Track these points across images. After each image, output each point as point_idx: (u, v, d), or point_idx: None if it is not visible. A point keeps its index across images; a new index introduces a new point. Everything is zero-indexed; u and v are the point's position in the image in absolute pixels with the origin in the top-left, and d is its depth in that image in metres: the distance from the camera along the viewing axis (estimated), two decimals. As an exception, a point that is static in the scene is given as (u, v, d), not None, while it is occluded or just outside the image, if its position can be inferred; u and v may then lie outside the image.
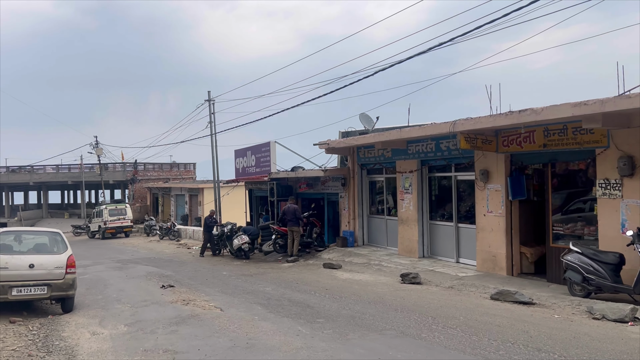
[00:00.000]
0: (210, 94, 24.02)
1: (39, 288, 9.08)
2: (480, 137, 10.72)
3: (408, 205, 13.71)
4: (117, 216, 33.65)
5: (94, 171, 44.83)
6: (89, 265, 17.44)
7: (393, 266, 12.64)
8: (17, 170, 48.79)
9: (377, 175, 15.62)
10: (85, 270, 15.71)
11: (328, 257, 15.03)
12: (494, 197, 11.08)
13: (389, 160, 14.47)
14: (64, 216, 49.87)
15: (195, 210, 36.55)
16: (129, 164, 43.68)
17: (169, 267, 15.56)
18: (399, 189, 14.04)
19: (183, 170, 50.86)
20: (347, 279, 11.56)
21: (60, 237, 9.89)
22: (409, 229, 13.66)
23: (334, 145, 15.25)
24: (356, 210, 16.08)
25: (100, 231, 33.79)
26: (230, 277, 12.65)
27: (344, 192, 16.45)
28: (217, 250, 19.46)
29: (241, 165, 23.23)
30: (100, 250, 24.79)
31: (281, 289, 10.37)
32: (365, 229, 16.10)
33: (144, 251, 23.04)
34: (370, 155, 15.26)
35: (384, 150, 14.50)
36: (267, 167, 20.58)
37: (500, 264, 10.98)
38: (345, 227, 16.45)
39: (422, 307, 8.11)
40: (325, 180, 17.57)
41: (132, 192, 43.90)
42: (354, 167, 16.07)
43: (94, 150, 39.35)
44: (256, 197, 23.17)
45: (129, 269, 15.61)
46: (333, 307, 8.31)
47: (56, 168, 48.15)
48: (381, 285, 10.43)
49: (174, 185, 40.52)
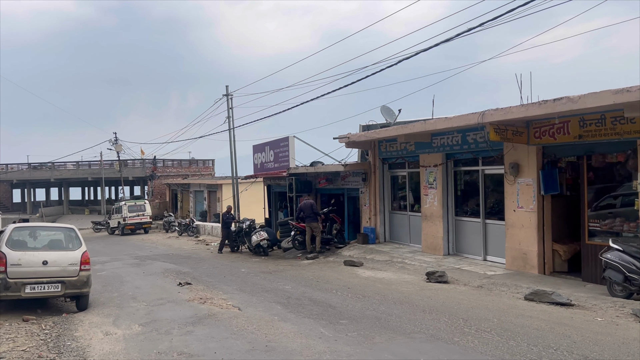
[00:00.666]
0: (228, 88, 23.72)
1: (53, 285, 8.82)
2: (511, 128, 10.17)
3: (432, 201, 13.19)
4: (136, 212, 33.63)
5: (113, 168, 45.03)
6: (106, 261, 17.28)
7: (417, 264, 12.15)
8: (38, 167, 49.30)
9: (399, 169, 15.12)
10: (102, 267, 15.54)
11: (349, 254, 14.60)
12: (525, 192, 10.52)
13: (412, 154, 13.96)
14: (84, 212, 50.27)
15: (213, 206, 36.40)
16: (148, 161, 43.74)
17: (186, 264, 15.29)
18: (423, 183, 13.53)
19: (202, 166, 50.82)
20: (370, 277, 11.11)
21: (75, 233, 9.62)
22: (434, 225, 13.14)
23: (354, 138, 14.78)
24: (377, 206, 15.60)
25: (120, 227, 33.83)
26: (249, 275, 12.30)
27: (365, 188, 15.99)
28: (235, 246, 19.17)
29: (259, 160, 22.91)
30: (119, 247, 24.73)
31: (301, 288, 9.97)
32: (387, 225, 15.62)
33: (163, 247, 22.88)
34: (392, 149, 14.76)
35: (407, 143, 13.99)
36: (285, 162, 20.22)
37: (531, 262, 10.42)
38: (366, 223, 15.99)
39: (451, 307, 7.63)
40: (345, 175, 17.12)
41: (151, 188, 43.97)
42: (375, 161, 15.59)
43: (113, 147, 39.41)
44: (275, 193, 22.82)
45: (146, 266, 15.38)
46: (356, 308, 7.88)
47: (76, 165, 48.51)
48: (406, 284, 9.96)
49: (193, 182, 40.43)
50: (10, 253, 8.66)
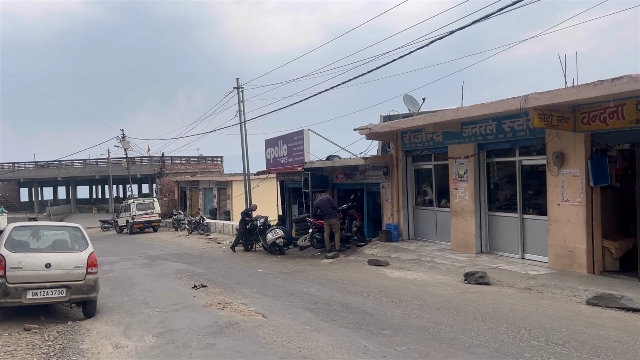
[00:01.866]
0: (238, 81, 22.88)
1: (57, 290, 8.02)
2: (556, 114, 9.24)
3: (463, 195, 12.28)
4: (144, 210, 32.95)
5: (121, 165, 44.36)
6: (115, 262, 16.52)
7: (448, 263, 11.26)
8: (45, 166, 48.76)
9: (424, 162, 14.21)
10: (111, 268, 14.77)
11: (372, 253, 13.73)
12: (571, 184, 9.58)
13: (439, 145, 13.05)
14: (92, 211, 49.70)
15: (223, 203, 35.63)
16: (156, 158, 43.04)
17: (199, 264, 14.48)
18: (452, 177, 12.62)
19: (210, 163, 50.09)
20: (400, 277, 10.23)
21: (81, 232, 8.81)
22: (464, 222, 12.24)
23: (376, 129, 13.88)
24: (400, 202, 14.70)
25: (128, 226, 33.16)
26: (268, 276, 11.46)
27: (386, 182, 15.09)
28: (249, 245, 18.35)
29: (272, 155, 22.08)
30: (128, 246, 24.00)
31: (328, 290, 9.11)
32: (411, 222, 14.72)
33: (173, 246, 22.11)
34: (417, 140, 13.85)
35: (434, 134, 13.08)
36: (300, 156, 19.38)
37: (578, 260, 9.50)
38: (388, 219, 15.09)
39: (505, 314, 6.74)
40: (364, 169, 16.23)
41: (160, 185, 43.28)
42: (398, 154, 14.68)
43: (121, 144, 38.72)
44: (288, 189, 21.97)
45: (157, 266, 14.58)
46: (397, 315, 7.00)
47: (84, 163, 47.91)
48: (443, 286, 9.07)
49: (202, 179, 39.69)
50: (10, 255, 7.86)
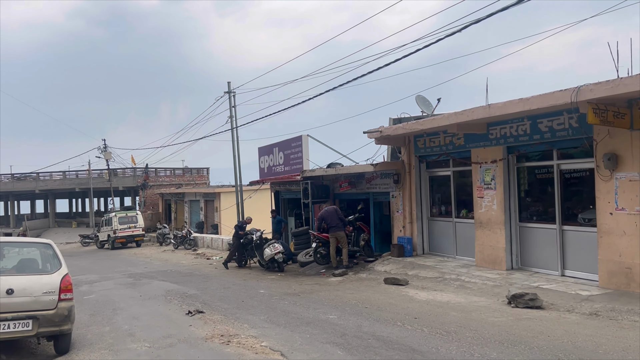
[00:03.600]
0: (230, 85, 21.45)
1: (21, 323, 6.46)
2: (612, 108, 7.98)
3: (490, 204, 10.96)
4: (127, 224, 31.15)
5: (102, 177, 42.45)
6: (95, 281, 14.86)
7: (479, 282, 9.90)
8: (22, 178, 46.52)
9: (441, 168, 12.90)
10: (90, 289, 13.13)
11: (385, 270, 12.32)
12: (627, 190, 8.31)
13: (460, 149, 11.75)
14: (71, 225, 47.46)
15: (211, 216, 33.97)
16: (139, 169, 41.22)
17: (191, 284, 12.90)
18: (476, 184, 11.31)
19: (196, 175, 48.36)
20: (429, 300, 8.82)
21: (52, 250, 7.25)
22: (492, 234, 10.91)
23: (388, 132, 12.54)
24: (414, 212, 13.34)
25: (110, 241, 31.31)
26: (272, 298, 9.95)
27: (397, 191, 13.74)
28: (243, 260, 16.81)
29: (267, 164, 20.62)
30: (110, 262, 22.25)
31: (351, 317, 7.65)
32: (426, 235, 13.36)
33: (158, 263, 20.44)
34: (433, 144, 12.55)
35: (453, 136, 11.80)
36: (298, 164, 17.97)
37: (638, 278, 8.19)
38: (399, 232, 13.71)
39: (593, 351, 5.37)
40: (371, 177, 14.87)
41: (143, 198, 41.41)
42: (411, 159, 13.36)
43: (102, 155, 36.95)
44: (284, 200, 20.50)
45: (143, 286, 12.98)
46: (453, 352, 5.59)
47: (63, 175, 45.80)
48: (487, 311, 7.68)
49: (188, 191, 38.00)
50: (-39, 280, 6.30)
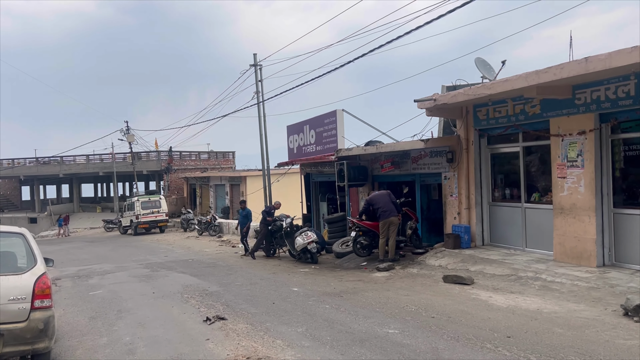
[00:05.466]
0: (256, 57, 19.54)
1: (-23, 342, 4.78)
2: None
3: (575, 186, 8.89)
4: (150, 209, 29.87)
5: (126, 161, 41.29)
6: (108, 271, 13.35)
7: (567, 282, 7.90)
8: (46, 162, 45.75)
9: (507, 144, 10.84)
10: (100, 282, 11.58)
11: (439, 264, 10.40)
12: None
13: (535, 120, 9.67)
14: (96, 210, 46.66)
15: (237, 201, 32.40)
16: (163, 153, 39.87)
17: (212, 277, 11.22)
18: (556, 161, 9.24)
19: (222, 159, 46.86)
20: (511, 307, 6.86)
21: (24, 242, 5.55)
22: (577, 222, 8.85)
23: (444, 100, 10.49)
24: (472, 197, 11.34)
25: (133, 226, 30.10)
26: (309, 299, 8.14)
27: (451, 171, 11.74)
28: (271, 250, 15.09)
29: (296, 144, 18.77)
30: (130, 249, 20.87)
31: (418, 333, 5.77)
32: (486, 223, 11.36)
33: (180, 251, 18.91)
34: (499, 114, 10.49)
35: (526, 104, 9.73)
36: (332, 143, 16.07)
37: None
38: (453, 220, 11.74)
39: None
40: (418, 156, 12.88)
41: (167, 182, 40.11)
42: (469, 134, 11.33)
43: (125, 137, 35.61)
44: (315, 183, 18.67)
45: (158, 280, 11.37)
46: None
47: (86, 158, 44.83)
48: (603, 327, 5.70)
49: (213, 175, 36.50)
50: None
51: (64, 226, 35.44)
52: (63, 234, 35.13)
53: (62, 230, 35.37)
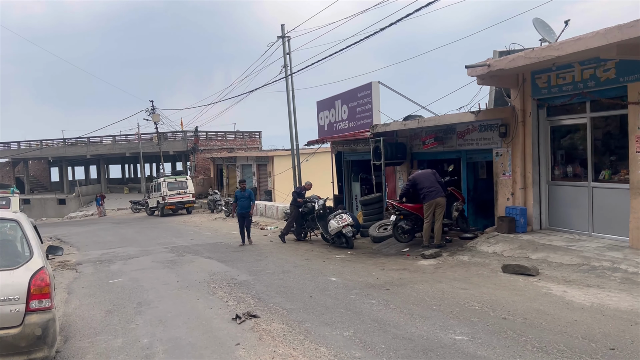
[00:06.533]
0: (284, 28, 18.40)
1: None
2: None
3: (660, 162, 7.63)
4: (177, 190, 29.31)
5: (152, 142, 40.84)
6: (132, 256, 12.65)
7: (655, 274, 6.71)
8: (74, 143, 45.66)
9: (570, 115, 9.57)
10: (122, 268, 10.84)
11: (493, 251, 9.28)
12: None
13: (608, 86, 8.38)
14: (123, 191, 46.59)
15: (264, 182, 31.64)
16: (189, 133, 39.26)
17: (241, 264, 10.35)
18: (635, 133, 7.96)
19: (248, 139, 46.09)
20: (595, 306, 5.74)
21: (21, 230, 4.67)
22: (662, 204, 7.61)
23: (500, 65, 9.21)
24: (528, 175, 10.14)
25: (159, 207, 29.63)
26: (351, 292, 7.15)
27: (504, 147, 10.53)
28: (302, 233, 14.16)
29: (327, 120, 17.68)
30: (156, 231, 20.26)
31: (494, 340, 4.73)
32: (544, 204, 10.15)
33: (207, 233, 18.17)
34: (563, 81, 9.20)
35: (597, 67, 8.44)
36: (367, 118, 14.94)
37: None
38: (506, 201, 10.56)
39: None
40: (465, 130, 11.68)
41: (194, 163, 39.54)
42: (526, 104, 10.08)
43: (150, 117, 35.01)
44: (347, 162, 17.59)
45: (183, 266, 10.56)
46: None
47: (113, 139, 44.58)
48: None
49: (240, 155, 35.75)
50: None
51: (102, 205, 35.18)
52: (100, 214, 34.91)
53: (99, 209, 35.15)
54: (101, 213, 34.80)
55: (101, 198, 35.70)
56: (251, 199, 13.84)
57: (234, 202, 14.09)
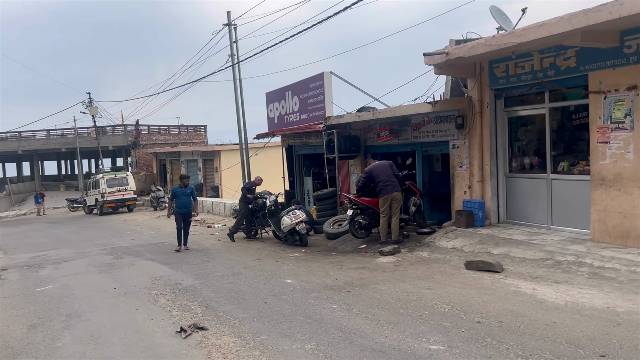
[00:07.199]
0: (230, 15, 17.51)
1: None
2: None
3: (621, 152, 7.47)
4: (117, 187, 27.77)
5: (90, 136, 38.70)
6: (66, 259, 11.59)
7: (622, 268, 6.52)
8: (3, 138, 42.63)
9: (529, 105, 9.36)
10: (52, 273, 9.81)
11: (453, 247, 8.95)
12: None
13: (569, 75, 8.18)
14: (59, 189, 44.02)
15: (210, 178, 30.56)
16: (130, 127, 37.42)
17: (187, 266, 9.56)
18: (596, 123, 7.78)
19: (193, 133, 44.57)
20: (570, 304, 5.42)
21: None
22: (623, 195, 7.46)
23: (459, 53, 8.84)
24: (486, 167, 9.88)
25: (98, 205, 27.97)
26: (309, 295, 6.57)
27: (461, 139, 10.24)
28: (253, 230, 13.45)
29: (277, 112, 17.01)
30: (94, 232, 18.96)
31: (474, 350, 4.27)
32: (502, 197, 9.93)
33: (150, 232, 17.13)
34: (522, 70, 8.96)
35: (558, 56, 8.23)
36: (319, 110, 14.41)
37: None
38: (463, 194, 10.28)
39: None
40: (421, 122, 11.33)
41: (135, 158, 37.77)
42: (483, 95, 9.80)
43: (87, 110, 33.08)
44: (298, 157, 17.00)
45: (122, 269, 9.66)
46: None
47: (47, 134, 41.93)
48: None
49: (185, 149, 34.41)
50: None
51: (41, 203, 32.76)
52: (39, 212, 32.48)
53: (39, 208, 32.71)
54: (40, 212, 32.54)
55: (41, 196, 33.35)
56: (193, 196, 12.28)
57: (171, 200, 12.40)
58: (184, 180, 12.39)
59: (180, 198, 12.03)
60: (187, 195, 12.09)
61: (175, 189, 12.23)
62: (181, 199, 12.02)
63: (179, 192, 12.09)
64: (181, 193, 12.06)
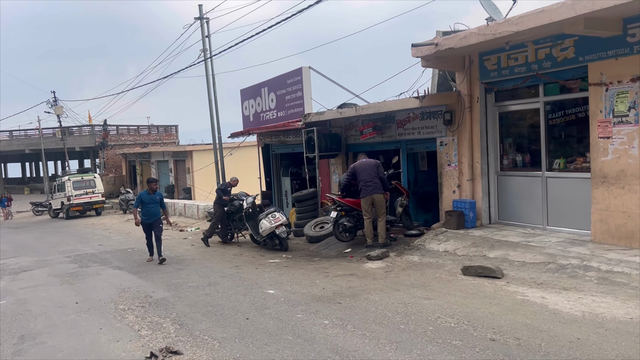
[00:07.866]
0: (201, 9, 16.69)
1: None
2: None
3: (625, 148, 7.04)
4: (84, 189, 26.56)
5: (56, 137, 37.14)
6: (25, 268, 10.69)
7: (634, 272, 6.06)
8: (-38, 140, 40.65)
9: (521, 100, 8.89)
10: (9, 285, 8.94)
11: (444, 250, 8.41)
12: None
13: (566, 66, 7.72)
14: (23, 192, 42.23)
15: (182, 179, 29.54)
16: (97, 127, 36.04)
17: (158, 275, 8.78)
18: (597, 117, 7.33)
19: (163, 133, 43.34)
20: (587, 315, 4.91)
21: None
22: (627, 194, 7.03)
23: (450, 44, 8.30)
24: (476, 165, 9.39)
25: (64, 209, 26.68)
26: (296, 309, 5.90)
27: (449, 136, 9.72)
28: (229, 234, 12.71)
29: (252, 110, 16.28)
30: (58, 237, 17.87)
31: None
32: (494, 197, 9.45)
33: (118, 237, 16.18)
34: (515, 62, 8.48)
35: (554, 46, 7.76)
36: (297, 107, 13.75)
37: None
38: (452, 194, 9.76)
39: None
40: (406, 119, 10.79)
41: (103, 160, 36.40)
42: (473, 89, 9.30)
43: (52, 109, 31.65)
44: (276, 156, 16.29)
45: (87, 280, 8.82)
46: None
47: (10, 135, 40.13)
48: None
49: (155, 150, 33.26)
50: None
51: (8, 207, 31.01)
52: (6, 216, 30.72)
53: (5, 211, 30.96)
54: (7, 215, 30.88)
55: (7, 199, 31.67)
56: (162, 204, 10.61)
57: (136, 208, 10.74)
58: (152, 185, 10.66)
59: (148, 206, 10.38)
60: (156, 203, 10.45)
61: (142, 195, 10.57)
62: (148, 206, 10.37)
63: (146, 198, 10.40)
64: (149, 200, 10.39)
